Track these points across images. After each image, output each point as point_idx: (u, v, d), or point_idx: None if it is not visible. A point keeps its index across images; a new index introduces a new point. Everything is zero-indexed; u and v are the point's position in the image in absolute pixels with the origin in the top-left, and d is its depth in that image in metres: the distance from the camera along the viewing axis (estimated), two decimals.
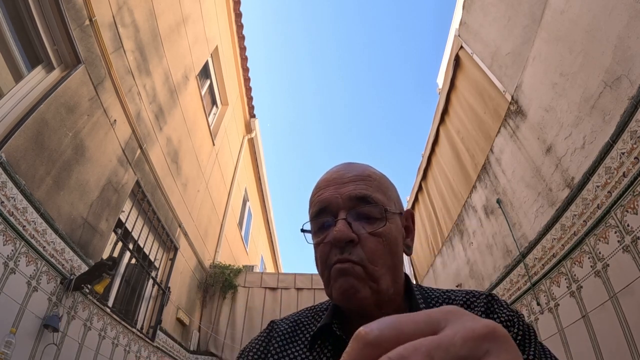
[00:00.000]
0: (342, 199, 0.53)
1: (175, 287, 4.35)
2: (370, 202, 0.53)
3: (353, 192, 0.53)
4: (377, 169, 0.60)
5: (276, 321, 0.64)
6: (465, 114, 3.79)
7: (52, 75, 2.41)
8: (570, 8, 2.22)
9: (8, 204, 1.95)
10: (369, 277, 0.50)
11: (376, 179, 0.56)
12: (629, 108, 1.79)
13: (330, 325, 0.54)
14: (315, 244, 0.56)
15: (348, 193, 0.53)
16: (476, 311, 0.54)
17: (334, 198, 0.54)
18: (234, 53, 6.27)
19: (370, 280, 0.50)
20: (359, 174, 0.56)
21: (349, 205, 0.53)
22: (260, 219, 9.58)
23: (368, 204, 0.53)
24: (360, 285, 0.49)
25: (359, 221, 0.52)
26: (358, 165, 0.59)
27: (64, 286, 2.40)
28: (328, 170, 0.60)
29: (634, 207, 1.78)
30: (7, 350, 1.86)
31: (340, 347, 0.54)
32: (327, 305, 0.63)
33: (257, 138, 7.58)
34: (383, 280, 0.51)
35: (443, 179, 4.49)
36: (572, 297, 2.25)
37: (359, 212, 0.52)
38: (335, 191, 0.54)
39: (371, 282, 0.50)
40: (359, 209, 0.52)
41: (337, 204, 0.53)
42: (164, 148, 3.92)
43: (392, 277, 0.52)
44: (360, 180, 0.55)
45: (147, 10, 3.46)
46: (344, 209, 0.52)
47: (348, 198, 0.53)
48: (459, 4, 3.91)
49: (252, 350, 0.60)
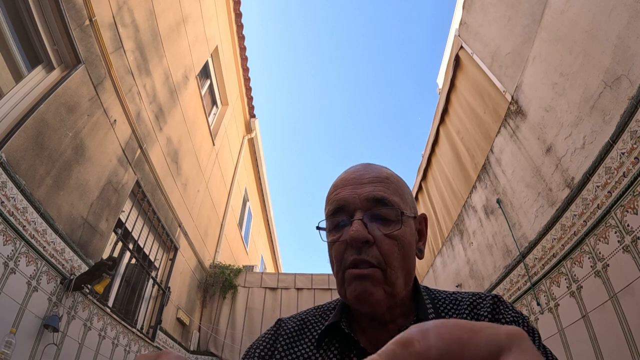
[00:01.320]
0: (360, 199, 0.53)
1: (175, 287, 4.35)
2: (387, 205, 0.53)
3: (371, 193, 0.53)
4: (394, 172, 0.61)
5: (283, 319, 0.65)
6: (465, 114, 3.79)
7: (52, 75, 2.41)
8: (570, 8, 2.22)
9: (8, 204, 1.95)
10: (385, 281, 0.50)
11: (394, 182, 0.57)
12: (629, 108, 1.79)
13: (339, 323, 0.55)
14: (329, 242, 0.56)
15: (366, 194, 0.53)
16: (482, 312, 0.54)
17: (351, 198, 0.54)
18: (234, 53, 6.27)
19: (385, 283, 0.50)
20: (377, 175, 0.56)
21: (366, 206, 0.53)
22: (260, 219, 9.58)
23: (385, 206, 0.53)
24: (375, 289, 0.50)
25: (374, 222, 0.52)
26: (376, 166, 0.59)
27: (64, 286, 2.40)
28: (346, 170, 0.60)
29: (634, 207, 1.78)
30: (7, 350, 1.86)
31: (347, 346, 0.54)
32: (334, 305, 0.64)
33: (257, 138, 7.58)
34: (397, 283, 0.51)
35: (443, 179, 4.49)
36: (572, 297, 2.25)
37: (375, 213, 0.53)
38: (352, 191, 0.54)
39: (386, 286, 0.50)
40: (376, 211, 0.53)
41: (354, 204, 0.53)
42: (164, 148, 3.92)
43: (405, 280, 0.53)
44: (379, 182, 0.55)
45: (147, 10, 3.46)
46: (361, 210, 0.53)
47: (366, 199, 0.53)
48: (459, 4, 3.91)
49: (259, 347, 0.60)
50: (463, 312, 0.56)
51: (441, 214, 4.63)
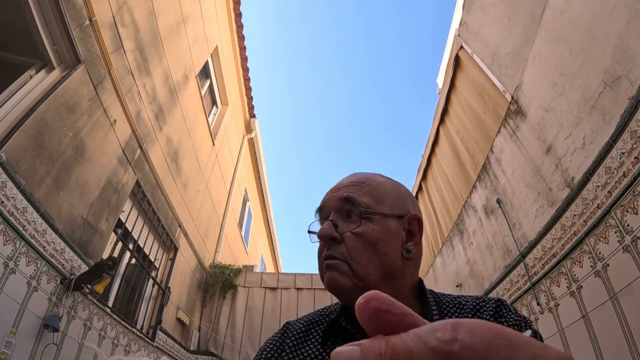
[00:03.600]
0: (334, 201, 0.59)
1: (175, 287, 4.35)
2: (353, 204, 0.57)
3: (343, 194, 0.59)
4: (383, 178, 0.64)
5: (291, 322, 0.68)
6: (465, 114, 3.79)
7: (52, 75, 2.41)
8: (570, 8, 2.22)
9: (8, 204, 1.95)
10: (353, 274, 0.54)
11: (370, 185, 0.60)
12: (629, 108, 1.79)
13: (338, 319, 0.58)
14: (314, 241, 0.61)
15: (339, 195, 0.59)
16: (485, 316, 0.56)
17: (328, 200, 0.60)
18: (233, 53, 6.27)
19: (354, 276, 0.53)
20: (355, 180, 0.61)
21: (338, 207, 0.58)
22: (260, 219, 9.58)
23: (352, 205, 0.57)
24: (342, 278, 0.54)
25: (345, 222, 0.57)
26: (361, 174, 0.64)
27: (64, 286, 2.40)
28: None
29: (634, 207, 1.78)
30: (7, 350, 1.86)
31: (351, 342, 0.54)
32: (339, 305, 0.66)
33: (257, 138, 7.58)
34: (369, 277, 0.54)
35: (443, 179, 4.49)
36: (572, 297, 2.25)
37: (344, 213, 0.58)
38: (331, 195, 0.61)
39: (355, 279, 0.53)
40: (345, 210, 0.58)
41: (330, 206, 0.59)
42: (164, 148, 3.92)
43: (383, 275, 0.54)
44: (352, 185, 0.60)
45: (147, 10, 3.46)
46: (334, 210, 0.58)
47: (337, 200, 0.59)
48: (459, 4, 3.91)
49: (266, 349, 0.63)
50: (466, 315, 0.57)
51: (441, 214, 4.63)
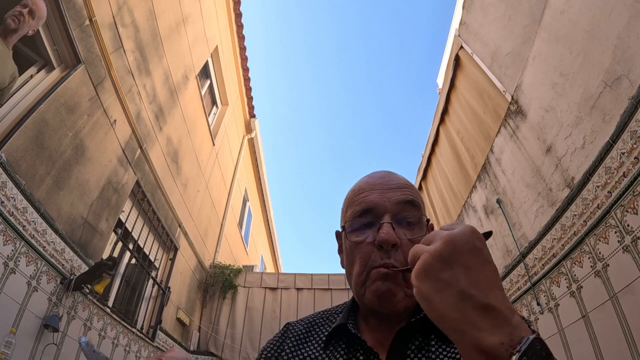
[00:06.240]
0: (390, 203, 0.56)
1: (175, 287, 4.35)
2: (417, 206, 0.56)
3: (401, 196, 0.56)
4: None
5: (291, 323, 0.68)
6: (465, 114, 3.79)
7: (52, 75, 2.41)
8: (570, 8, 2.22)
9: (8, 204, 1.95)
10: (406, 284, 0.52)
11: (417, 190, 0.61)
12: (629, 108, 1.79)
13: (346, 324, 0.57)
14: (354, 242, 0.57)
15: (396, 198, 0.56)
16: None
17: (380, 201, 0.56)
18: (233, 53, 6.26)
19: (406, 287, 0.52)
20: (404, 182, 0.60)
21: (395, 210, 0.55)
22: (260, 219, 9.58)
23: (414, 207, 0.56)
24: (397, 289, 0.52)
25: (400, 227, 0.55)
26: (399, 175, 0.63)
27: (64, 286, 2.40)
28: (370, 175, 0.63)
29: (634, 207, 1.78)
30: (7, 350, 1.86)
31: (353, 346, 0.56)
32: (341, 309, 0.66)
33: (257, 138, 7.58)
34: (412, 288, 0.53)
35: (443, 179, 4.49)
36: (572, 297, 2.25)
37: (402, 217, 0.55)
38: (382, 195, 0.57)
39: (406, 289, 0.52)
40: (404, 214, 0.55)
41: (383, 207, 0.55)
42: (164, 148, 3.92)
43: None
44: (406, 187, 0.59)
45: (147, 10, 3.46)
46: (390, 213, 0.55)
47: (396, 202, 0.56)
48: (459, 4, 3.90)
49: (267, 350, 0.63)
50: None
51: (441, 214, 4.63)
